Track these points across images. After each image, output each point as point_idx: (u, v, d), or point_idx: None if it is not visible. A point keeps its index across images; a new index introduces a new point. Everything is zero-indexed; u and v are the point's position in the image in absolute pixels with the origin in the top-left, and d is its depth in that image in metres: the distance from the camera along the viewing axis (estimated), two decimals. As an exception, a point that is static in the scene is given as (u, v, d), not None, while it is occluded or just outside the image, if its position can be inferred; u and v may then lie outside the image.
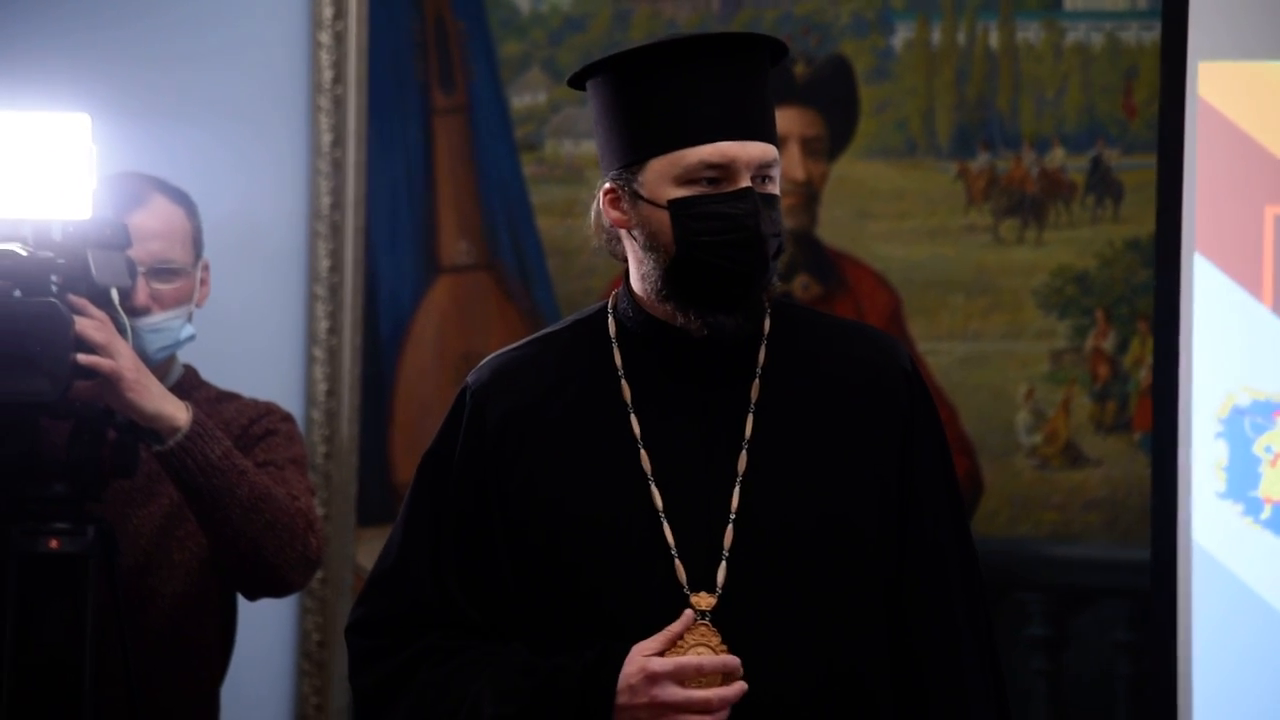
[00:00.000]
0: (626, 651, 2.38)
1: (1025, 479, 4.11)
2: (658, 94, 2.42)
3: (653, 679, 2.36)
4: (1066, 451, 4.10)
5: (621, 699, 2.37)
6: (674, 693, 2.36)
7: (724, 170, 2.41)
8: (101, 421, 2.91)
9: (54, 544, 2.84)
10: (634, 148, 2.44)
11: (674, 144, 2.41)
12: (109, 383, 2.87)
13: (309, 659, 4.32)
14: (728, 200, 2.41)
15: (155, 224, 3.09)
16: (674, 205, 2.42)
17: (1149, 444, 3.62)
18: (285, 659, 4.30)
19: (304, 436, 4.30)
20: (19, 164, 2.86)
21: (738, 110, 2.41)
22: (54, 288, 2.86)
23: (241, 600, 3.23)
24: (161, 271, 3.09)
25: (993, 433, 4.13)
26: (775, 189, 2.45)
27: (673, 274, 2.43)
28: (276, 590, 3.10)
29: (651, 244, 2.44)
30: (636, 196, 2.44)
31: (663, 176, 2.42)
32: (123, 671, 2.90)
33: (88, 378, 2.86)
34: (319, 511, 4.27)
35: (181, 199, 3.18)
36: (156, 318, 3.07)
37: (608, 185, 2.47)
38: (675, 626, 2.38)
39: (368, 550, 4.30)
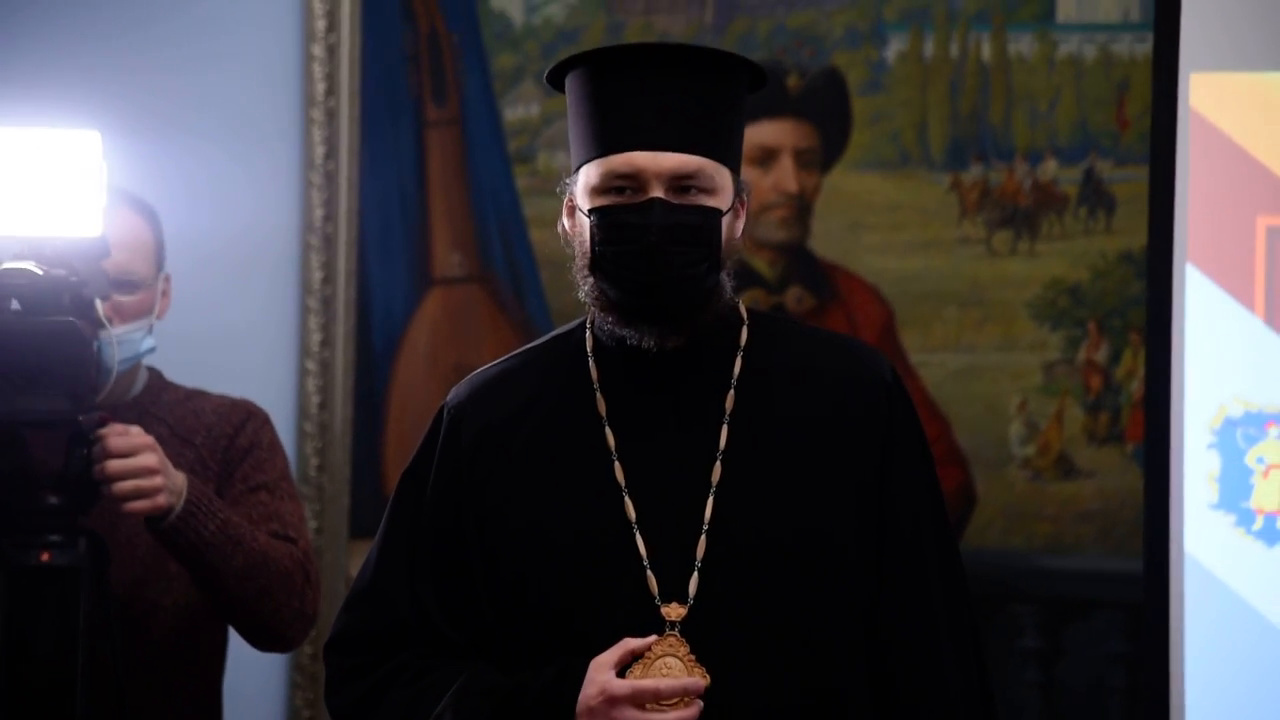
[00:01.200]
0: (586, 667, 2.37)
1: (1018, 490, 4.11)
2: (592, 101, 2.42)
3: (611, 701, 2.35)
4: (1059, 463, 4.10)
5: (582, 719, 2.36)
6: (632, 715, 2.35)
7: (633, 180, 2.39)
8: (93, 436, 2.91)
9: (45, 556, 2.83)
10: (575, 155, 2.45)
11: (594, 152, 2.41)
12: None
13: (301, 671, 4.32)
14: (632, 210, 2.39)
15: (118, 236, 3.06)
16: (591, 214, 2.41)
17: (1142, 455, 3.62)
18: (278, 671, 4.29)
19: (297, 449, 4.33)
20: (29, 181, 2.85)
21: (657, 120, 2.39)
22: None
23: None
24: (123, 284, 3.08)
25: (986, 445, 4.12)
26: (713, 201, 2.41)
27: (595, 284, 2.43)
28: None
29: (580, 251, 2.44)
30: (575, 205, 2.45)
31: (587, 184, 2.42)
32: (114, 683, 2.89)
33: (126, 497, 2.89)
34: (311, 525, 4.29)
35: (145, 210, 3.16)
36: (118, 330, 3.05)
37: (566, 195, 2.48)
38: (634, 643, 2.38)
39: (360, 563, 4.28)
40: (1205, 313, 3.27)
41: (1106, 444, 4.08)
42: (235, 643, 3.28)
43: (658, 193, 2.39)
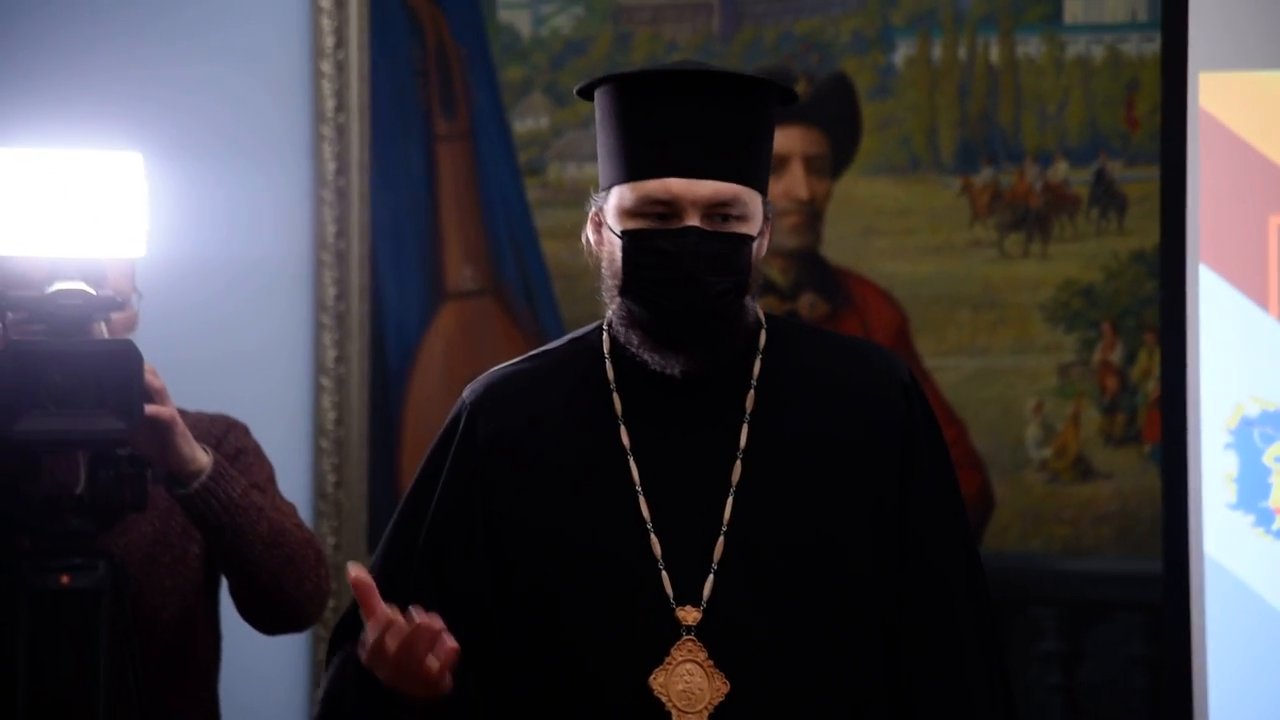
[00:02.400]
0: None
1: (1036, 493, 4.11)
2: (627, 122, 2.42)
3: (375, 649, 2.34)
4: (1076, 465, 4.10)
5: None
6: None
7: (670, 207, 2.39)
8: (117, 456, 2.92)
9: (65, 579, 2.84)
10: (606, 173, 2.45)
11: (630, 175, 2.41)
12: (163, 427, 2.90)
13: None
14: (667, 237, 2.39)
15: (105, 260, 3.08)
16: (625, 236, 2.42)
17: (1159, 456, 3.62)
18: (299, 687, 4.30)
19: (314, 466, 4.33)
20: (75, 202, 2.86)
21: (695, 147, 2.39)
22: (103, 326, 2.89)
23: (255, 634, 3.24)
24: (113, 303, 3.10)
25: (1002, 448, 4.12)
26: (746, 228, 2.42)
27: (624, 304, 2.44)
28: (294, 624, 3.13)
29: (610, 271, 2.44)
30: (603, 222, 2.45)
31: (620, 206, 2.42)
32: (135, 704, 2.90)
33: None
34: (328, 541, 4.30)
35: None
36: None
37: (593, 209, 2.49)
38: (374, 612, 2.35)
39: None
40: (1219, 312, 3.27)
41: (1123, 445, 4.07)
42: (256, 663, 3.29)
43: (693, 220, 2.39)
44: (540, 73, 4.39)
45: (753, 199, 2.42)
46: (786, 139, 4.23)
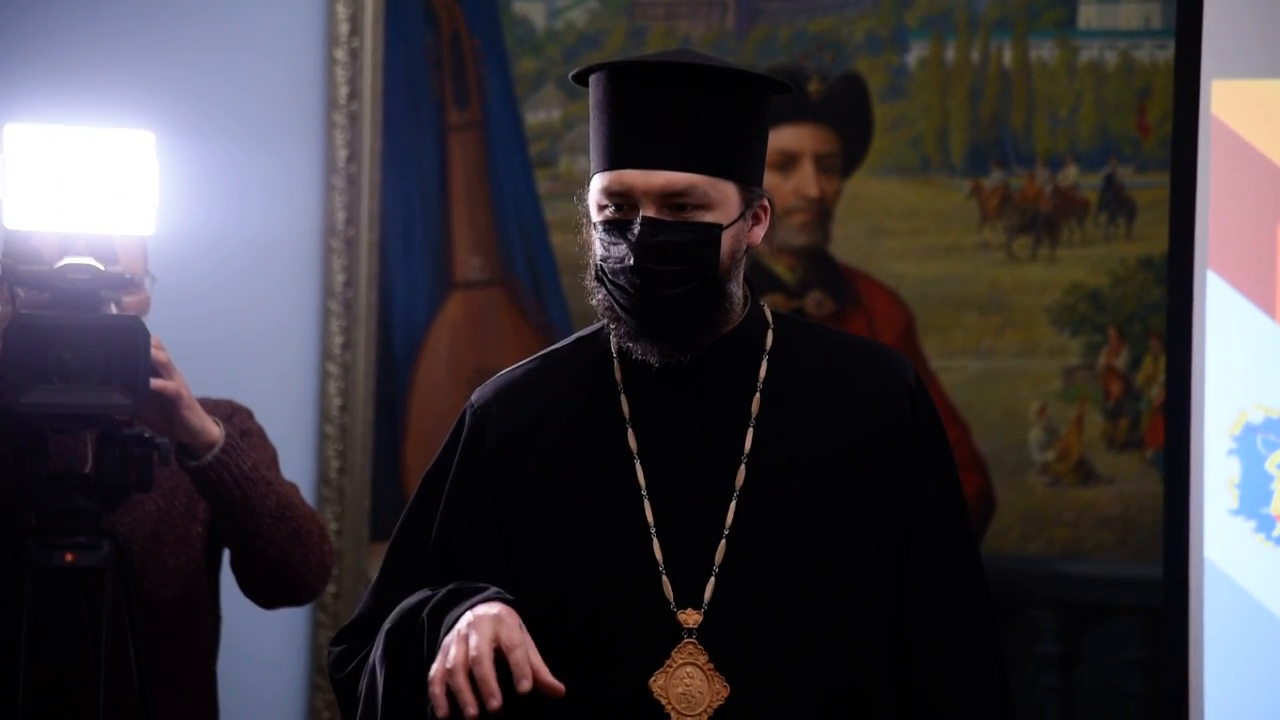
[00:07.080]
0: (483, 593, 2.37)
1: (1038, 496, 4.11)
2: (604, 113, 2.43)
3: (462, 638, 2.32)
4: (1079, 468, 4.10)
5: (445, 634, 2.35)
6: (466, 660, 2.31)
7: (625, 198, 2.40)
8: (124, 436, 2.93)
9: (69, 557, 2.85)
10: (591, 163, 2.46)
11: (599, 166, 2.43)
12: (169, 402, 2.92)
13: (322, 673, 4.33)
14: (618, 227, 2.40)
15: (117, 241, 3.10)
16: (596, 228, 2.44)
17: (1161, 461, 3.63)
18: (298, 672, 4.31)
19: (318, 452, 4.34)
20: (86, 178, 2.87)
21: (650, 138, 2.39)
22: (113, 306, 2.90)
23: (255, 616, 3.25)
24: (124, 284, 3.12)
25: (1005, 450, 4.13)
26: (710, 217, 2.41)
27: (603, 295, 2.44)
28: (297, 597, 3.15)
29: (591, 262, 2.46)
30: (586, 212, 2.47)
31: (594, 197, 2.44)
32: (136, 682, 2.91)
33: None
34: (331, 527, 4.31)
35: None
36: None
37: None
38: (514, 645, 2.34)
39: (379, 565, 4.31)
40: (1225, 319, 3.27)
41: (1126, 450, 4.08)
42: (256, 648, 3.30)
43: (649, 210, 2.39)
44: (553, 65, 4.39)
45: (716, 188, 2.40)
46: (798, 137, 4.24)
